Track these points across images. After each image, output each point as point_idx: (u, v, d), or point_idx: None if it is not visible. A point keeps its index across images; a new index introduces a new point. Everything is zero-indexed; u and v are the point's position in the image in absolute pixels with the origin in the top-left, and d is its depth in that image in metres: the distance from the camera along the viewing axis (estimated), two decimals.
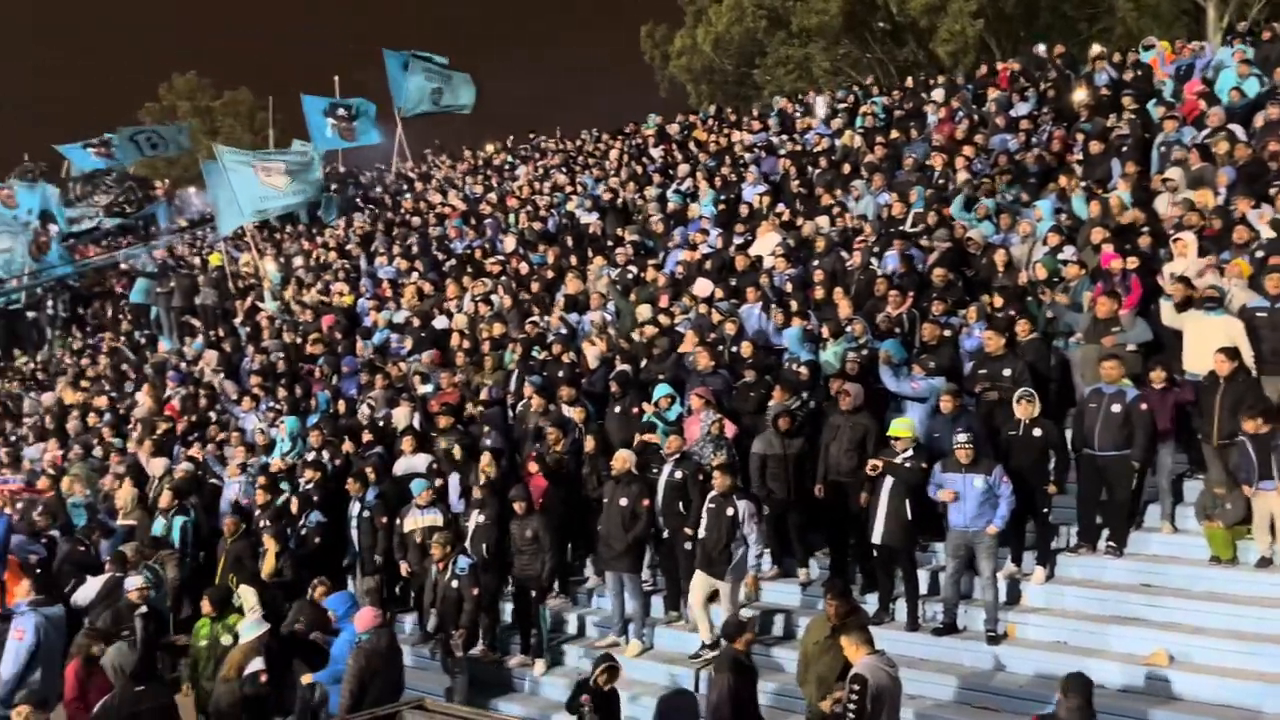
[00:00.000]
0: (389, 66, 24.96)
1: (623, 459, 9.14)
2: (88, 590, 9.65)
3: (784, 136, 19.13)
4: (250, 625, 8.37)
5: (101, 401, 15.74)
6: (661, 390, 10.20)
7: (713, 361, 10.42)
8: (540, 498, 9.46)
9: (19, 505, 12.17)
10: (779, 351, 10.98)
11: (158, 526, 10.91)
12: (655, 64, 38.44)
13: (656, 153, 20.71)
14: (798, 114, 20.88)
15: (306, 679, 8.28)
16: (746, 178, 16.52)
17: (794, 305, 11.14)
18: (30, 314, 21.51)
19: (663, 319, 11.91)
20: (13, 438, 15.46)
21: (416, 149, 28.73)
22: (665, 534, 9.20)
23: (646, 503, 9.05)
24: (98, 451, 13.79)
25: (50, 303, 21.54)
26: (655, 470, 9.26)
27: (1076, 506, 8.77)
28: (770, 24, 33.14)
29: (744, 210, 15.13)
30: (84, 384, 16.74)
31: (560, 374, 11.34)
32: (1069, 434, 8.87)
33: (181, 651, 10.59)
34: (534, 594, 9.35)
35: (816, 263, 12.38)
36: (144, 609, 8.88)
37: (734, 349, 10.89)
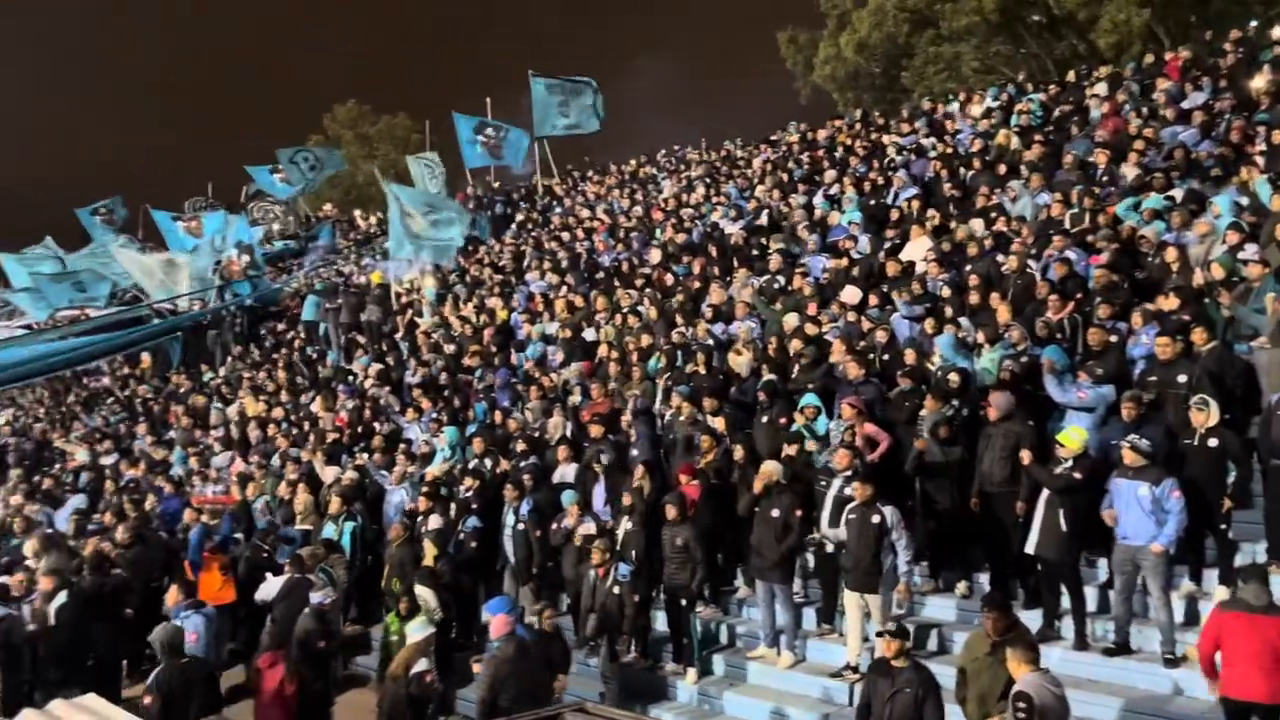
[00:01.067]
0: (534, 88, 25.91)
1: (768, 471, 9.08)
2: (269, 588, 10.33)
3: (934, 139, 18.65)
4: (418, 626, 8.76)
5: (278, 413, 16.81)
6: (808, 400, 10.10)
7: (863, 370, 10.25)
8: (691, 507, 9.53)
9: (213, 512, 13.11)
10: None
11: (329, 531, 11.57)
12: (797, 69, 38.09)
13: (801, 159, 20.57)
14: (950, 114, 20.31)
15: (477, 668, 8.49)
16: (894, 181, 16.19)
17: (947, 311, 10.85)
18: (213, 331, 23.19)
19: (810, 328, 11.80)
20: (201, 446, 16.66)
21: (562, 164, 29.55)
22: (830, 549, 9.10)
23: (799, 513, 8.97)
24: (276, 460, 14.72)
25: (231, 321, 23.21)
26: (823, 483, 9.12)
27: (1265, 521, 8.16)
28: (914, 26, 32.35)
29: (894, 215, 14.84)
30: (263, 397, 17.91)
31: (706, 384, 11.40)
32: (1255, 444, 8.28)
33: (352, 649, 11.26)
34: (684, 603, 9.42)
35: (970, 267, 12.01)
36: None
37: (884, 357, 10.69)
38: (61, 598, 10.49)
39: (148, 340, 23.27)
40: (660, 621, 10.02)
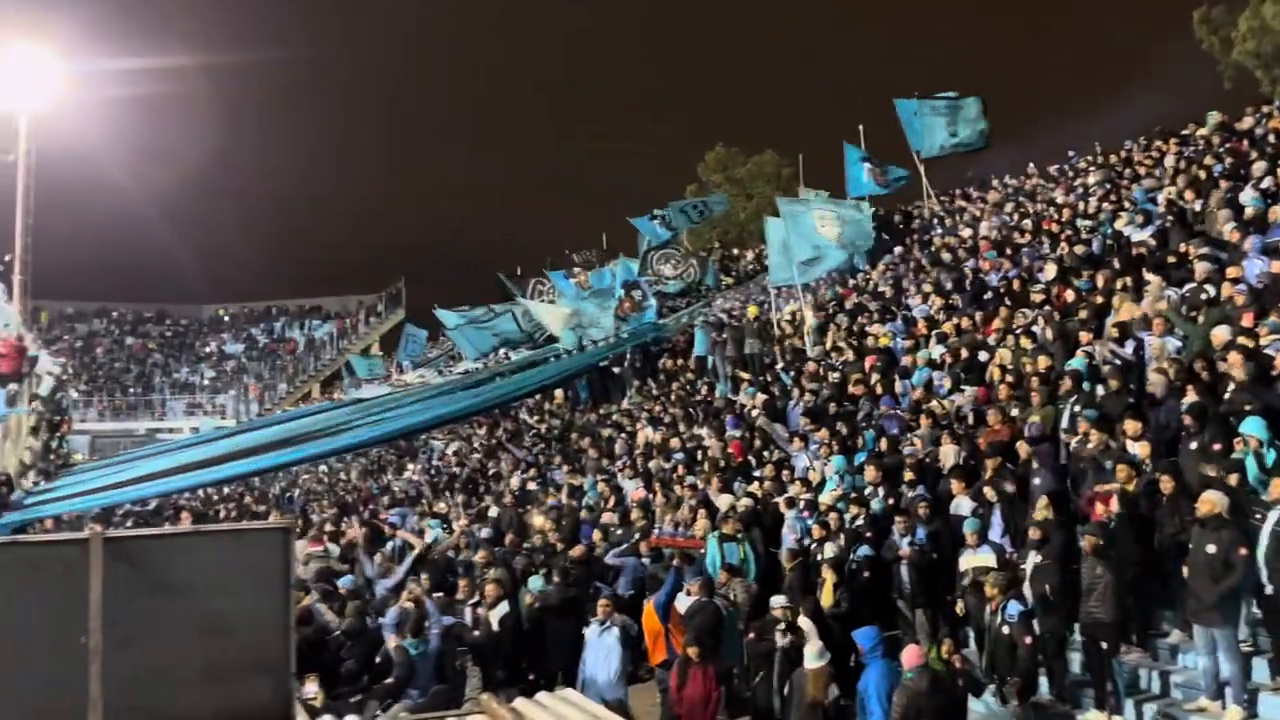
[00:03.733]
0: (901, 113, 25.55)
1: (1211, 502, 8.14)
2: (680, 605, 11.04)
3: None
4: (813, 655, 8.96)
5: (675, 443, 17.94)
6: (1251, 427, 8.85)
7: None
8: (1108, 539, 8.79)
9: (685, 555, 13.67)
10: None
11: (731, 554, 12.10)
12: (1215, 51, 33.88)
13: (1221, 153, 18.26)
14: None
15: None
16: None
17: None
18: (615, 369, 25.33)
19: (1244, 340, 10.42)
20: (610, 474, 18.22)
21: (943, 185, 28.67)
22: (1270, 589, 8.00)
23: (1243, 551, 7.96)
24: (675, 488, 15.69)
25: (630, 358, 25.20)
26: (1259, 515, 8.09)
27: None
28: None
29: None
30: (660, 428, 19.22)
31: (1117, 408, 10.49)
32: None
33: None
34: (1104, 645, 8.70)
35: None
36: None
37: None
38: (504, 607, 11.95)
39: (560, 379, 25.92)
40: (1076, 664, 9.33)
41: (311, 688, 9.16)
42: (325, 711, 9.02)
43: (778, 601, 10.36)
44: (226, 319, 59.91)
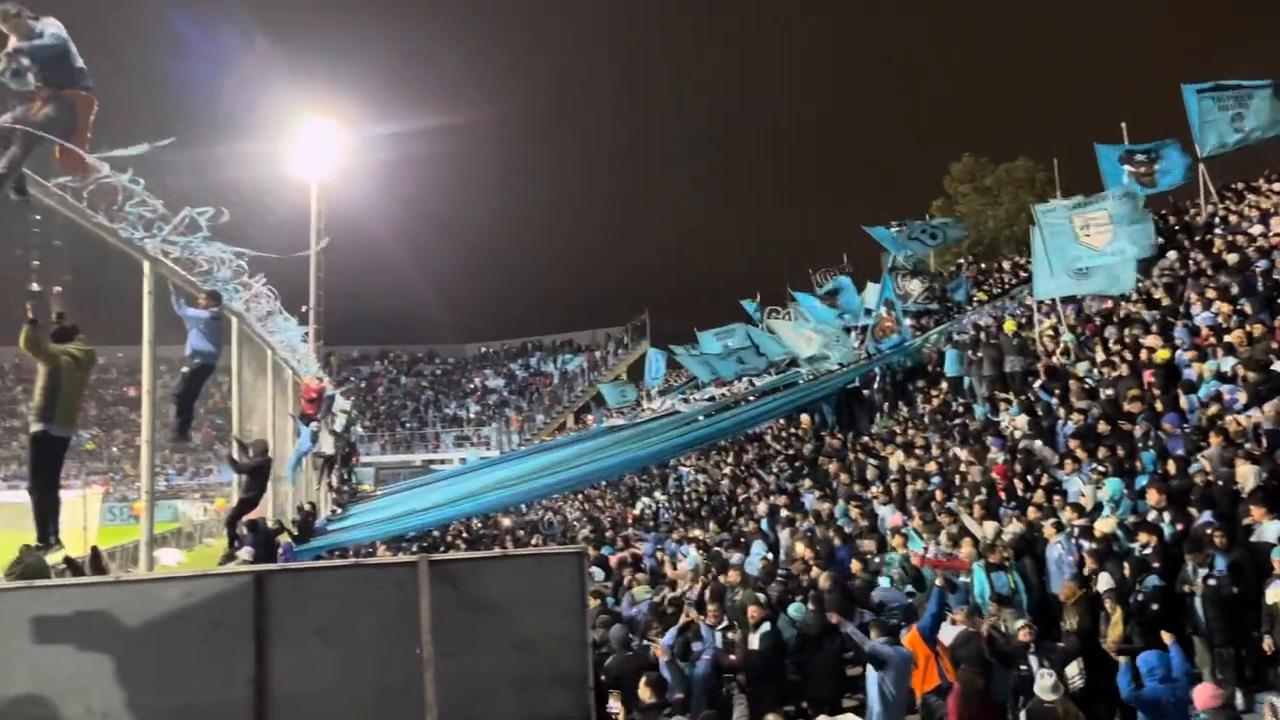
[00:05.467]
0: (1187, 102, 23.27)
1: None
2: (947, 634, 10.72)
3: None
4: (1046, 688, 8.56)
5: (931, 467, 17.37)
6: None
7: None
8: None
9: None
10: None
11: (1001, 584, 11.58)
12: None
13: None
14: None
15: None
16: None
17: None
18: (864, 391, 24.86)
19: None
20: (862, 500, 17.88)
21: (1226, 178, 26.06)
22: None
23: None
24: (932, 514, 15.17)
25: (880, 380, 24.66)
26: None
27: None
28: None
29: None
30: (916, 451, 18.67)
31: None
32: None
33: None
34: None
35: None
36: None
37: None
38: (765, 627, 12.02)
39: (804, 402, 25.75)
40: None
41: (615, 704, 9.60)
42: None
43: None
44: (488, 356, 64.32)
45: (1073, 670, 9.56)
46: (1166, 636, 9.10)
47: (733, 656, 11.92)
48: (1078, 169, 25.28)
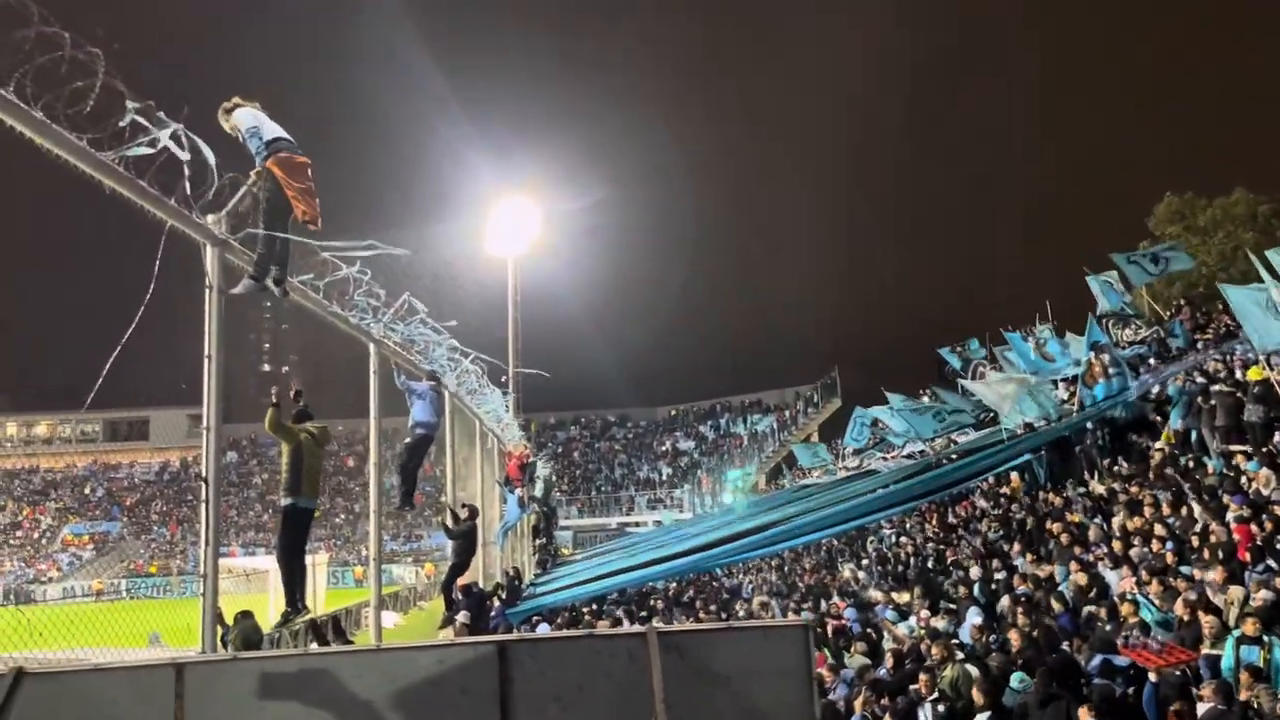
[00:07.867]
0: None
1: None
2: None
3: None
4: None
5: (1160, 528, 16.09)
6: None
7: None
8: None
9: None
10: None
11: (1252, 657, 10.56)
12: None
13: None
14: None
15: None
16: None
17: None
18: (1077, 446, 23.33)
19: None
20: (1085, 561, 16.74)
21: None
22: None
23: None
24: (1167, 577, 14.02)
25: (1094, 433, 23.09)
26: None
27: None
28: None
29: None
30: (1146, 509, 17.35)
31: None
32: None
33: None
34: None
35: None
36: None
37: None
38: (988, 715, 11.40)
39: (1011, 460, 24.45)
40: None
41: None
42: None
43: None
44: (678, 418, 65.01)
45: None
46: None
47: None
48: None
